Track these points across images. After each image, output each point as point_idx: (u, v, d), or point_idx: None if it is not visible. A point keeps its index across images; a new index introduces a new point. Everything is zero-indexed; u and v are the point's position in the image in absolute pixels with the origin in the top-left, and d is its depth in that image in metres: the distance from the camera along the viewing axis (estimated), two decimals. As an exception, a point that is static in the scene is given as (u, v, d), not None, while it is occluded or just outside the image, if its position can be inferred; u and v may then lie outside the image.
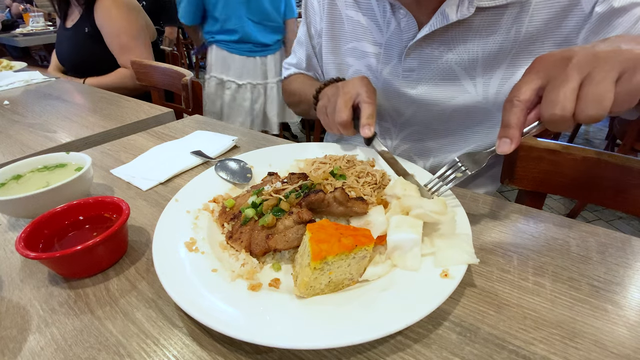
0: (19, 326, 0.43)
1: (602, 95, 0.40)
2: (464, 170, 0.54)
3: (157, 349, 0.40)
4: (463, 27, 0.69)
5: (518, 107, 0.45)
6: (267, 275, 0.48)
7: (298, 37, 1.01)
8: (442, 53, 0.72)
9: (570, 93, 0.41)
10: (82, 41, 1.72)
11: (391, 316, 0.38)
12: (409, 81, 0.78)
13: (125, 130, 1.05)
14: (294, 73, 1.05)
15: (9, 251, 0.55)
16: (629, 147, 2.12)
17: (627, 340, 0.40)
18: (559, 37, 0.65)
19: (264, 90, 2.44)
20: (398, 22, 0.74)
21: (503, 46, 0.68)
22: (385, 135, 0.91)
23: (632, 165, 0.69)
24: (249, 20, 2.18)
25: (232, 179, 0.67)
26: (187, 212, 0.57)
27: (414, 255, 0.45)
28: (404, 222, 0.48)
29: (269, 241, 0.48)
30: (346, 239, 0.41)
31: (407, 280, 0.43)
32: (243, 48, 2.27)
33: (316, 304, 0.41)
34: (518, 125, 0.46)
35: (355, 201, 0.52)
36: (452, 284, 0.41)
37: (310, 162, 0.70)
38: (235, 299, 0.42)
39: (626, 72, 0.40)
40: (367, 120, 0.66)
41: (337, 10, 0.84)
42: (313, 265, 0.39)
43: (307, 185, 0.56)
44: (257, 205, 0.53)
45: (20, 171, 0.66)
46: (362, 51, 0.83)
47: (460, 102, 0.75)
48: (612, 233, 0.56)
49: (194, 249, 0.49)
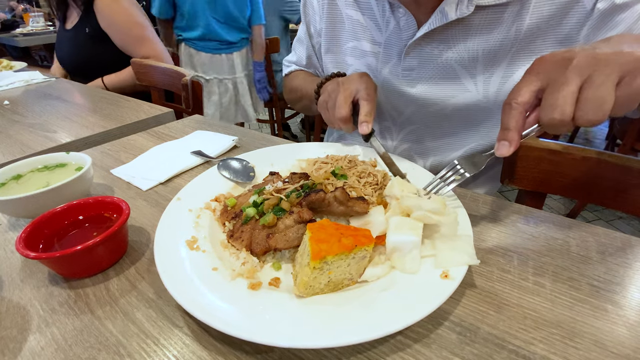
0: (19, 326, 0.43)
1: (603, 99, 0.39)
2: (462, 173, 0.54)
3: (157, 349, 0.40)
4: (463, 25, 0.68)
5: (516, 109, 0.45)
6: (268, 274, 0.48)
7: (298, 36, 1.01)
8: (442, 52, 0.72)
9: (570, 96, 0.41)
10: (83, 42, 1.70)
11: (390, 316, 0.38)
12: (408, 80, 0.78)
13: (125, 130, 1.05)
14: (294, 70, 1.05)
15: (9, 251, 0.55)
16: (629, 147, 2.12)
17: (627, 340, 0.40)
18: (560, 34, 0.65)
19: (232, 85, 2.54)
20: (397, 21, 0.74)
21: (503, 44, 0.68)
22: (385, 134, 0.91)
23: (632, 165, 0.69)
24: (213, 19, 2.26)
25: (235, 177, 0.68)
26: (189, 210, 0.57)
27: (413, 257, 0.45)
28: (404, 223, 0.47)
29: (269, 240, 0.48)
30: (346, 239, 0.41)
31: (407, 281, 0.43)
32: (208, 46, 2.36)
33: (315, 304, 0.41)
34: (517, 128, 0.45)
35: (356, 201, 0.52)
36: (452, 285, 0.41)
37: (312, 162, 0.70)
38: (235, 298, 0.42)
39: (627, 75, 0.39)
40: (365, 117, 0.67)
41: (337, 10, 0.84)
42: (312, 264, 0.39)
43: (308, 185, 0.56)
44: (258, 205, 0.53)
45: (20, 171, 0.66)
46: (362, 50, 0.83)
47: (461, 101, 0.75)
48: (612, 233, 0.56)
49: (195, 247, 0.49)
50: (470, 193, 0.68)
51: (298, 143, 0.80)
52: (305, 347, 0.38)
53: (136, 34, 1.69)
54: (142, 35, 1.71)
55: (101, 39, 1.69)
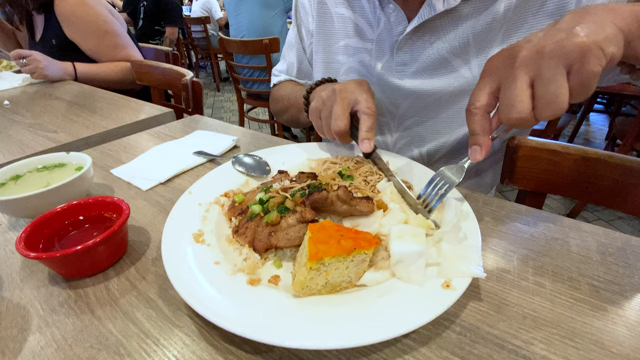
0: (19, 326, 0.43)
1: (555, 93, 0.39)
2: (446, 186, 0.53)
3: (157, 349, 0.40)
4: (451, 15, 0.69)
5: (477, 114, 0.46)
6: (268, 271, 0.48)
7: (288, 41, 0.99)
8: (433, 44, 0.73)
9: (521, 94, 0.41)
10: (51, 55, 1.50)
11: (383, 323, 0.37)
12: (403, 75, 0.78)
13: (125, 130, 1.05)
14: (283, 80, 1.02)
15: (9, 251, 0.55)
16: (629, 147, 2.12)
17: (626, 340, 0.40)
18: (549, 7, 0.65)
19: None
20: (388, 17, 0.75)
21: (493, 25, 0.68)
22: (384, 129, 0.90)
23: (632, 165, 0.69)
24: None
25: (251, 172, 0.69)
26: (199, 204, 0.58)
27: (419, 267, 0.43)
28: (406, 231, 0.46)
29: (271, 238, 0.49)
30: (346, 241, 0.41)
31: (407, 288, 0.42)
32: None
33: (310, 304, 0.41)
34: (483, 132, 0.47)
35: (360, 200, 0.51)
36: (452, 296, 0.40)
37: (321, 161, 0.70)
38: (233, 292, 0.42)
39: (573, 64, 0.39)
40: (367, 134, 0.63)
41: (327, 9, 0.84)
42: (309, 265, 0.39)
43: (314, 185, 0.56)
44: (264, 202, 0.53)
45: (19, 171, 0.66)
46: (355, 48, 0.83)
47: (457, 88, 0.75)
48: (612, 233, 0.56)
49: (201, 240, 0.50)
50: (470, 193, 0.68)
51: (312, 143, 0.79)
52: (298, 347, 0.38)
53: (110, 43, 1.56)
54: (116, 44, 1.58)
55: (71, 49, 1.56)
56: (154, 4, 3.98)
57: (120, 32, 1.64)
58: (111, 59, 1.63)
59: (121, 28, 1.66)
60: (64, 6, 1.51)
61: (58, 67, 1.49)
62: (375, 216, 0.51)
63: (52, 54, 1.52)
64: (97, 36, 1.57)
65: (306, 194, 0.52)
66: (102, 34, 1.57)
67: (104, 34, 1.57)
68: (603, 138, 3.49)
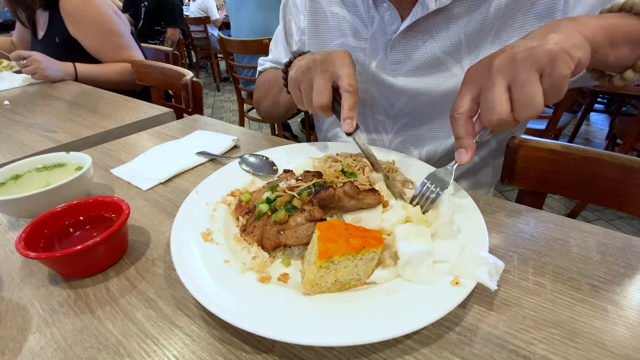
0: (19, 326, 0.43)
1: (531, 95, 0.43)
2: (436, 191, 0.55)
3: (157, 349, 0.40)
4: (443, 14, 0.70)
5: (460, 119, 0.50)
6: (277, 270, 0.48)
7: (275, 35, 0.98)
8: (426, 42, 0.74)
9: (500, 97, 0.45)
10: (54, 53, 1.48)
11: (394, 321, 0.38)
12: (396, 73, 0.79)
13: (125, 130, 1.05)
14: (268, 67, 0.99)
15: (9, 251, 0.55)
16: (629, 147, 2.12)
17: (627, 340, 0.40)
18: (538, 8, 0.66)
19: None
20: (381, 16, 0.76)
21: (484, 24, 0.69)
22: (379, 128, 0.90)
23: (632, 165, 0.69)
24: None
25: (258, 172, 0.69)
26: (206, 203, 0.58)
27: (427, 267, 0.43)
28: (411, 231, 0.46)
29: (279, 236, 0.49)
30: (354, 239, 0.41)
31: (416, 286, 0.42)
32: None
33: (320, 302, 0.41)
34: (467, 135, 0.50)
35: (367, 193, 0.51)
36: (462, 293, 0.40)
37: (324, 159, 0.70)
38: (243, 290, 0.43)
39: (545, 67, 0.43)
40: (349, 113, 0.60)
41: (321, 8, 0.85)
42: (319, 263, 0.39)
43: (320, 183, 0.56)
44: (271, 201, 0.53)
45: (19, 171, 0.66)
46: (350, 46, 0.83)
47: (450, 87, 0.76)
48: (612, 233, 0.56)
49: (210, 239, 0.51)
50: (470, 193, 0.67)
51: (317, 142, 0.79)
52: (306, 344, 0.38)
53: (113, 43, 1.55)
54: (119, 44, 1.57)
55: (75, 48, 1.55)
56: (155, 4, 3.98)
57: (124, 33, 1.64)
58: (114, 59, 1.62)
59: (125, 29, 1.66)
60: (69, 4, 1.50)
61: (58, 68, 1.48)
62: (376, 211, 0.52)
63: (54, 52, 1.50)
64: (101, 35, 1.56)
65: (313, 192, 0.52)
66: (106, 33, 1.56)
67: (108, 33, 1.56)
68: (603, 138, 3.48)
